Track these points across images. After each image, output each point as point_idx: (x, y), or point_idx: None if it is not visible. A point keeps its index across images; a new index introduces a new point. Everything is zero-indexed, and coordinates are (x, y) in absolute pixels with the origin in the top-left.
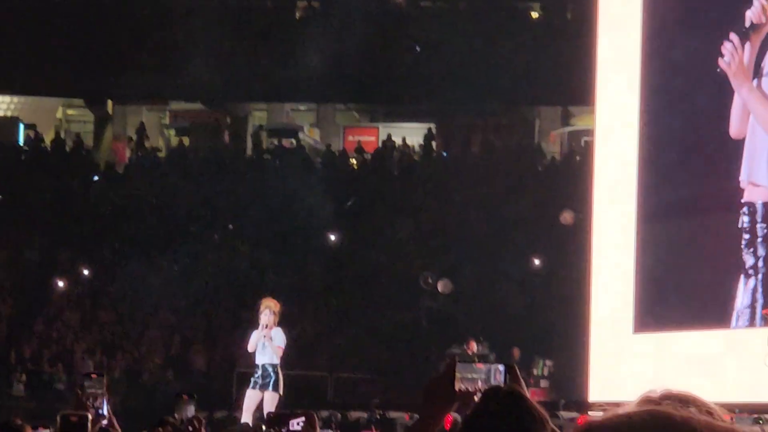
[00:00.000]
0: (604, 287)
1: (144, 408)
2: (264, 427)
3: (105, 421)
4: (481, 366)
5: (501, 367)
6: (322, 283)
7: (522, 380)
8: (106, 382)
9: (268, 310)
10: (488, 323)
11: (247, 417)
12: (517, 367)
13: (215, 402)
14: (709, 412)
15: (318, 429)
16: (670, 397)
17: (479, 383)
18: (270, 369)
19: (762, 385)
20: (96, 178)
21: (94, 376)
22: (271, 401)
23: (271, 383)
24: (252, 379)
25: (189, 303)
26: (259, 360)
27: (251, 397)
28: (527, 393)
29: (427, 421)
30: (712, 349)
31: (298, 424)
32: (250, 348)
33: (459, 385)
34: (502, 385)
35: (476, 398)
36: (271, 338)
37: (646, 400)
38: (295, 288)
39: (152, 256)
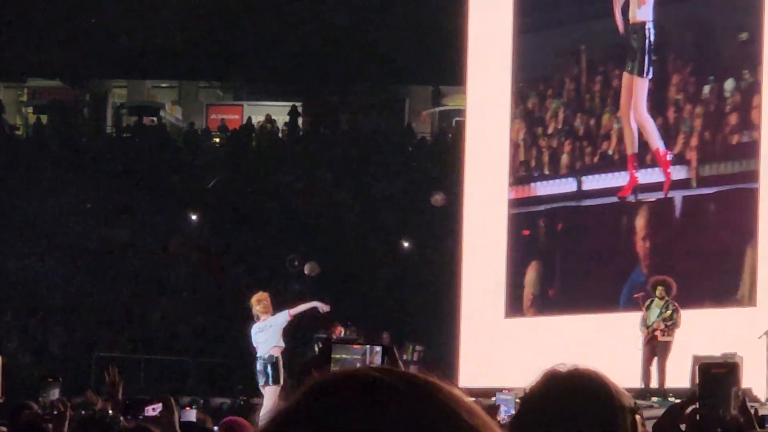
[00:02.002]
0: (476, 271)
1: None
2: (120, 415)
3: None
4: (357, 347)
5: (378, 348)
6: (185, 265)
7: (400, 362)
8: None
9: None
10: (357, 307)
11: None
12: (395, 349)
13: (74, 386)
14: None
15: (176, 413)
16: (576, 374)
17: (357, 365)
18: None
19: (634, 369)
20: None
21: None
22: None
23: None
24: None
25: (47, 285)
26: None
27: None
28: None
29: None
30: (585, 334)
31: (153, 410)
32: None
33: (334, 368)
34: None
35: None
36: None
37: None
38: (156, 271)
39: (7, 238)
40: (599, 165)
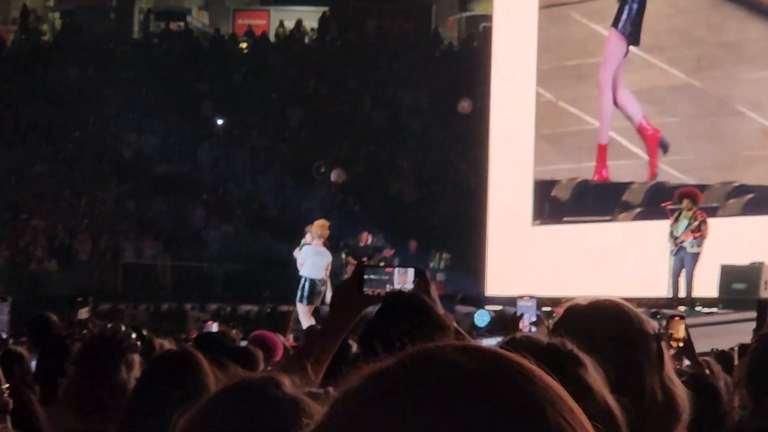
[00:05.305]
0: (502, 178)
1: (28, 299)
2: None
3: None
4: (390, 270)
5: (411, 271)
6: (210, 171)
7: (432, 284)
8: (9, 306)
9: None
10: (383, 214)
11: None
12: (427, 272)
13: (100, 293)
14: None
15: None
16: (595, 305)
17: (388, 287)
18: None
19: (659, 278)
20: None
21: None
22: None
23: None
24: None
25: (73, 191)
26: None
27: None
28: (436, 297)
29: (335, 324)
30: (611, 242)
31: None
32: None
33: (367, 289)
34: (411, 288)
35: None
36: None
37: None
38: (182, 176)
39: (35, 143)
40: None
